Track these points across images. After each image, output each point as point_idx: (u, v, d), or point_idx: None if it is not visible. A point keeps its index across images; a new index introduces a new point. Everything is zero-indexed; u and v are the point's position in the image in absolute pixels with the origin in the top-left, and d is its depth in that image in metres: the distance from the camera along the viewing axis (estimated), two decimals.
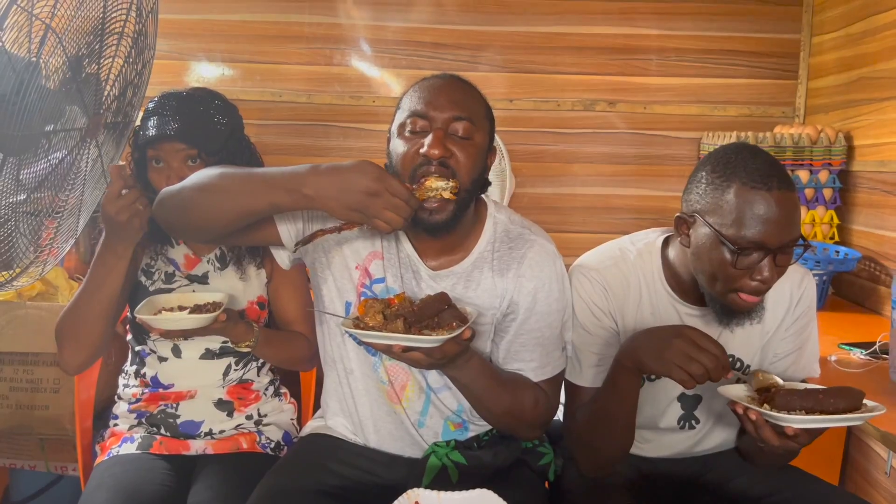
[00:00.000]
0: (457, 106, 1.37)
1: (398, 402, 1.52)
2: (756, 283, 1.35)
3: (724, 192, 1.34)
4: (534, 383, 1.49)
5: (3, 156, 1.56)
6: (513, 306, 1.47)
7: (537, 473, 1.60)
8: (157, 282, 1.77)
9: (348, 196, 1.23)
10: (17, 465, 2.31)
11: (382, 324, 1.27)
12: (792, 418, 1.22)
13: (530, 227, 1.53)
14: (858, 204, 2.56)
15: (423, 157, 1.33)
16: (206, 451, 1.73)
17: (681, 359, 1.29)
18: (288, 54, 2.94)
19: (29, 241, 1.79)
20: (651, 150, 2.99)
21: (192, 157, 1.69)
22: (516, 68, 2.96)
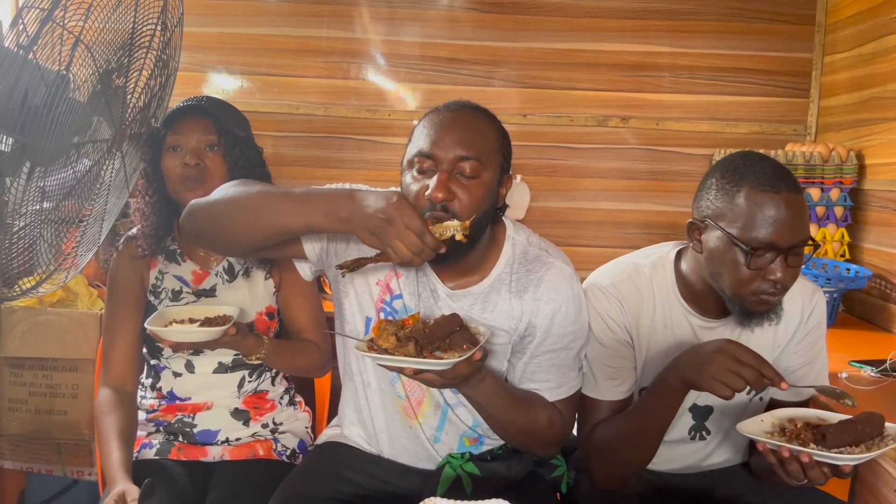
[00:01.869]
0: (463, 146, 1.36)
1: (414, 417, 1.54)
2: (771, 283, 1.39)
3: (734, 196, 1.39)
4: (549, 402, 1.50)
5: (30, 164, 1.60)
6: (530, 328, 1.48)
7: (550, 485, 1.62)
8: (165, 300, 1.80)
9: (369, 220, 1.24)
10: (34, 469, 2.33)
11: (395, 346, 1.28)
12: (848, 458, 1.21)
13: (548, 249, 1.53)
14: (869, 222, 2.58)
15: (427, 201, 1.34)
16: (223, 457, 1.76)
17: (723, 374, 1.31)
18: (305, 68, 2.97)
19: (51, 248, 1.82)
20: (663, 165, 3.01)
21: (211, 143, 1.74)
22: (530, 84, 2.99)
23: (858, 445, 1.25)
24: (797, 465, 1.26)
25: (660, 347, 1.55)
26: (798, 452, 1.25)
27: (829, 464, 1.25)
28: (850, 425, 1.27)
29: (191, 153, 1.72)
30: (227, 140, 1.75)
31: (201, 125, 1.74)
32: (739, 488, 1.62)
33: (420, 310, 1.48)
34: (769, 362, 1.32)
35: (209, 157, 1.74)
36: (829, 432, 1.26)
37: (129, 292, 1.80)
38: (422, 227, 1.24)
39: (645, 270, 1.58)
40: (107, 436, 1.65)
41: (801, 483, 1.29)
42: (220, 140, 1.75)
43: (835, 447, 1.23)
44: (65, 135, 1.55)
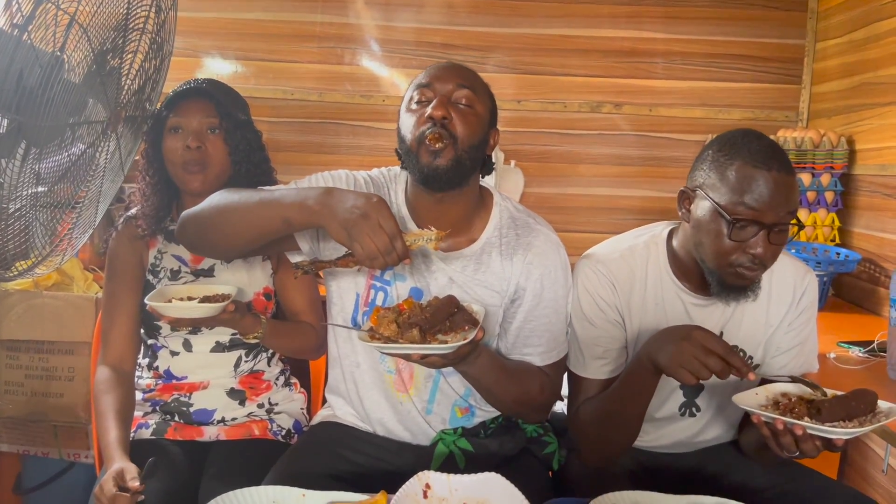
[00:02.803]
0: (459, 77, 1.47)
1: (405, 391, 1.56)
2: (749, 257, 1.40)
3: (726, 168, 1.41)
4: (539, 370, 1.55)
5: (26, 145, 1.61)
6: (519, 291, 1.53)
7: (542, 462, 1.64)
8: (164, 279, 1.81)
9: (343, 212, 1.26)
10: (31, 451, 2.35)
11: (398, 333, 1.30)
12: (841, 431, 1.23)
13: (534, 217, 1.60)
14: (860, 207, 2.60)
15: (427, 120, 1.41)
16: (219, 437, 1.78)
17: (689, 362, 1.33)
18: (300, 53, 2.98)
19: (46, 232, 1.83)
20: (656, 151, 3.03)
21: (213, 126, 1.75)
22: (524, 70, 3.00)
23: (852, 420, 1.27)
24: (790, 438, 1.28)
25: (651, 326, 1.56)
26: (792, 425, 1.27)
27: (821, 437, 1.26)
28: (844, 401, 1.29)
29: (193, 136, 1.73)
30: (228, 123, 1.76)
31: (203, 108, 1.75)
32: (729, 465, 1.64)
33: (412, 276, 1.52)
34: (736, 353, 1.34)
35: (210, 141, 1.75)
36: (823, 406, 1.28)
37: (128, 272, 1.81)
38: (395, 230, 1.26)
39: (638, 250, 1.60)
40: (105, 414, 1.66)
41: (792, 455, 1.31)
42: (221, 123, 1.76)
43: (829, 421, 1.25)
44: (60, 115, 1.56)
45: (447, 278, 1.53)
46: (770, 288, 1.58)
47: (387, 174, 1.62)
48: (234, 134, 1.77)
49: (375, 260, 1.25)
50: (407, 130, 1.46)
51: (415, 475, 1.27)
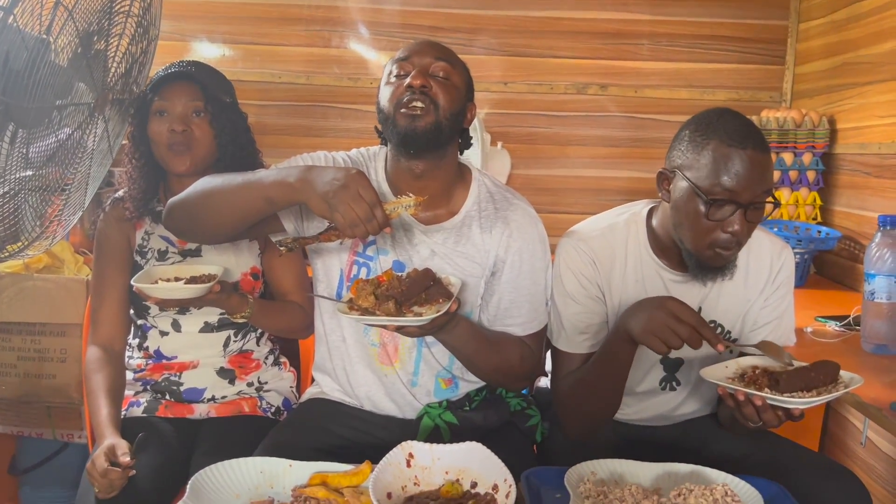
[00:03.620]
0: (436, 51, 1.53)
1: (390, 364, 1.60)
2: (727, 235, 1.43)
3: (703, 148, 1.44)
4: (519, 340, 1.59)
5: (14, 127, 1.62)
6: (499, 263, 1.58)
7: (525, 435, 1.68)
8: (152, 260, 1.83)
9: (323, 185, 1.29)
10: (25, 432, 2.37)
11: (375, 304, 1.33)
12: (798, 401, 1.27)
13: (512, 192, 1.66)
14: (841, 186, 2.64)
15: (406, 88, 1.47)
16: (209, 414, 1.81)
17: (661, 330, 1.36)
18: (287, 36, 2.99)
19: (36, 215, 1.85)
20: (642, 133, 3.06)
21: (198, 109, 1.77)
22: (511, 52, 3.02)
23: (811, 391, 1.30)
24: (752, 409, 1.32)
25: (631, 301, 1.58)
26: (752, 396, 1.31)
27: (781, 407, 1.31)
28: (803, 372, 1.33)
29: (177, 119, 1.75)
30: (213, 107, 1.78)
31: (189, 91, 1.77)
32: (707, 437, 1.68)
33: (395, 250, 1.56)
34: (707, 324, 1.38)
35: (196, 124, 1.77)
36: (782, 378, 1.32)
37: (116, 253, 1.84)
38: (374, 198, 1.29)
39: (618, 228, 1.63)
40: (96, 393, 1.69)
41: (756, 425, 1.35)
42: (206, 106, 1.77)
43: (787, 392, 1.29)
44: (47, 97, 1.57)
45: (429, 251, 1.57)
46: (748, 264, 1.61)
47: (365, 153, 1.66)
48: (219, 117, 1.79)
49: (356, 227, 1.28)
50: (385, 100, 1.51)
51: (398, 445, 1.31)
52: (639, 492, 1.26)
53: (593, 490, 1.27)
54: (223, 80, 1.87)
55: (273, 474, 1.29)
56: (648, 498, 1.24)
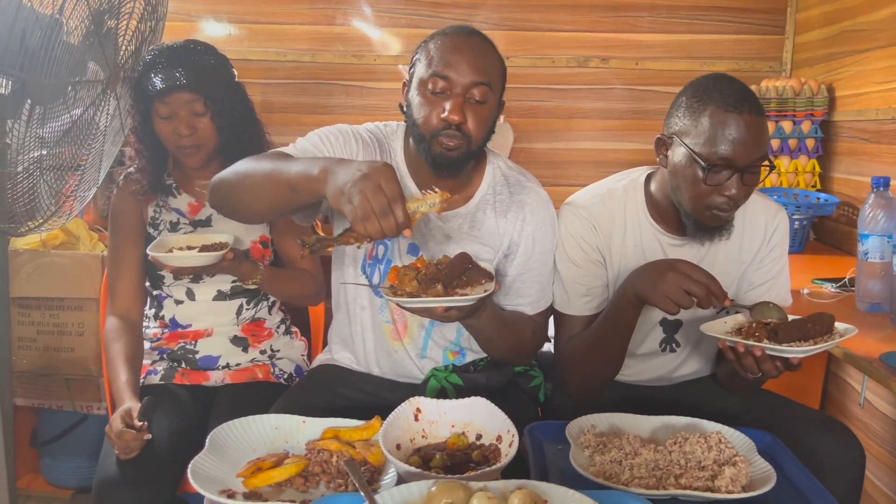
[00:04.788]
0: (477, 71, 1.46)
1: (399, 340, 1.66)
2: (724, 198, 1.47)
3: (699, 114, 1.47)
4: (530, 317, 1.64)
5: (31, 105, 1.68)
6: (512, 246, 1.62)
7: (528, 395, 1.74)
8: (164, 231, 1.90)
9: (343, 175, 1.19)
10: (45, 405, 2.43)
11: (419, 289, 1.35)
12: (796, 350, 1.32)
13: (525, 174, 1.68)
14: (839, 153, 2.67)
15: (441, 121, 1.45)
16: (224, 381, 1.87)
17: (673, 291, 1.41)
18: (291, 15, 3.02)
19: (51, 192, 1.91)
20: (643, 104, 3.09)
21: (199, 110, 1.80)
22: (512, 26, 3.04)
23: (807, 341, 1.35)
24: (751, 360, 1.37)
25: (630, 264, 1.64)
26: (752, 347, 1.36)
27: (779, 357, 1.36)
28: (799, 323, 1.38)
29: (183, 124, 1.80)
30: (213, 105, 1.81)
31: (188, 98, 1.79)
32: (706, 396, 1.72)
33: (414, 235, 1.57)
34: (718, 280, 1.41)
35: (201, 122, 1.81)
36: (780, 329, 1.37)
37: (130, 226, 1.90)
38: (397, 193, 1.17)
39: (617, 194, 1.67)
40: (114, 361, 1.76)
41: (756, 377, 1.40)
42: (207, 105, 1.81)
43: (785, 342, 1.34)
44: (62, 74, 1.63)
45: (444, 235, 1.60)
46: (743, 227, 1.65)
47: (384, 129, 1.66)
48: (221, 112, 1.83)
49: (369, 221, 1.15)
50: (420, 118, 1.49)
51: (406, 401, 1.37)
52: (637, 440, 1.32)
53: (593, 441, 1.34)
54: (217, 65, 1.87)
55: (288, 430, 1.36)
56: (646, 446, 1.30)
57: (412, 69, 1.54)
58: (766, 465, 1.25)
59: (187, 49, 1.83)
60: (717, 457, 1.25)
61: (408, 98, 1.54)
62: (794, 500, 1.23)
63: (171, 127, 1.80)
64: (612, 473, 1.23)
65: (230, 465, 1.24)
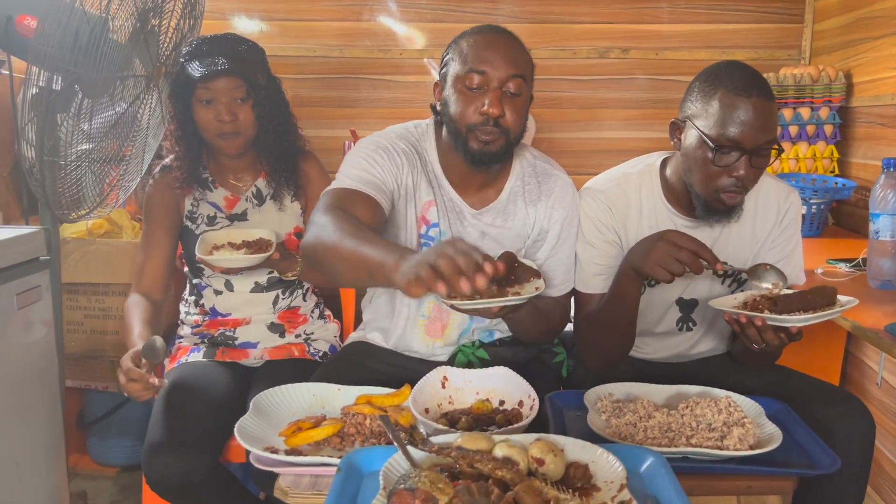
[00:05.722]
0: (512, 65, 1.51)
1: (433, 337, 1.75)
2: (733, 180, 1.53)
3: (710, 98, 1.53)
4: (557, 301, 1.72)
5: (79, 100, 1.79)
6: (542, 233, 1.70)
7: (551, 370, 1.83)
8: (202, 225, 1.98)
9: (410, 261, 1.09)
10: (91, 386, 2.55)
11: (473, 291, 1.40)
12: (793, 318, 1.39)
13: (550, 162, 1.76)
14: (857, 138, 2.70)
15: (483, 117, 1.50)
16: (262, 357, 1.98)
17: (662, 258, 1.48)
18: (320, 11, 3.11)
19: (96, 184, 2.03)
20: (663, 94, 3.13)
21: (241, 96, 1.87)
22: (534, 19, 3.11)
23: (808, 312, 1.41)
24: (754, 330, 1.44)
25: None
26: (753, 318, 1.43)
27: (783, 328, 1.42)
28: (800, 295, 1.45)
29: (225, 109, 1.86)
30: (256, 92, 1.89)
31: (232, 83, 1.85)
32: (721, 372, 1.78)
33: (450, 230, 1.65)
34: (706, 246, 1.48)
35: (242, 110, 1.88)
36: (780, 300, 1.44)
37: (163, 216, 1.98)
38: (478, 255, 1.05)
39: (633, 177, 1.74)
40: (132, 322, 1.80)
41: (762, 347, 1.47)
42: (249, 92, 1.88)
43: (784, 312, 1.41)
44: (110, 70, 1.74)
45: (479, 232, 1.68)
46: (756, 208, 1.71)
47: (414, 132, 1.69)
48: (261, 101, 1.90)
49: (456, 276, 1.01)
50: (458, 113, 1.53)
51: (434, 369, 1.47)
52: (651, 405, 1.40)
53: (609, 406, 1.42)
54: (257, 55, 1.95)
55: (324, 396, 1.46)
56: (659, 410, 1.38)
57: (444, 69, 1.59)
58: (774, 427, 1.33)
59: (228, 39, 1.91)
60: (727, 419, 1.33)
61: (443, 97, 1.57)
62: (800, 458, 1.30)
63: (212, 113, 1.85)
64: (627, 434, 1.31)
65: (272, 426, 1.35)
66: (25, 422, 1.66)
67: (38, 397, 1.70)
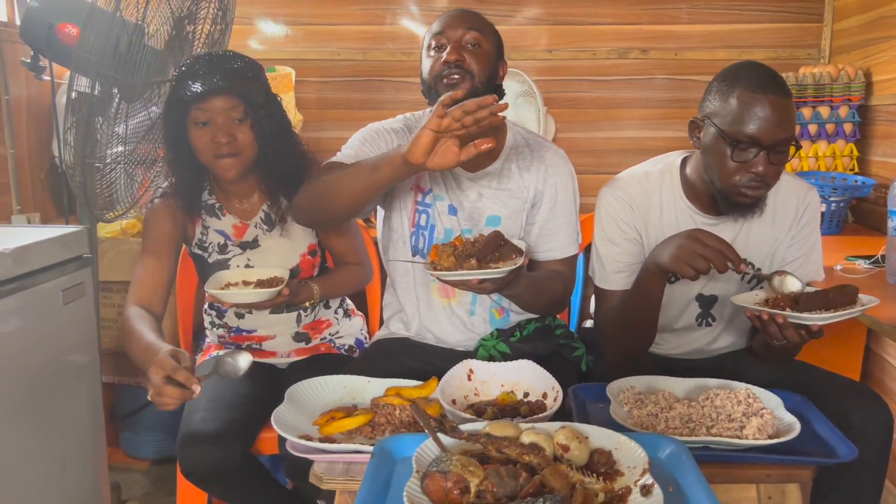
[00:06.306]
0: (466, 21, 1.72)
1: (447, 298, 1.82)
2: (751, 175, 1.56)
3: (728, 96, 1.57)
4: (559, 272, 1.80)
5: (116, 104, 1.87)
6: (538, 196, 1.80)
7: (571, 364, 1.87)
8: (213, 253, 1.94)
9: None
10: (124, 381, 2.62)
11: (456, 264, 1.50)
12: (814, 317, 1.42)
13: (541, 137, 1.90)
14: (877, 136, 2.72)
15: (443, 64, 1.67)
16: (289, 356, 2.02)
17: (688, 256, 1.51)
18: (344, 16, 3.18)
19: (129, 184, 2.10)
20: (682, 94, 3.16)
21: (238, 117, 1.78)
22: (554, 21, 3.15)
23: (829, 310, 1.44)
24: (776, 327, 1.48)
25: None
26: (775, 315, 1.46)
27: (803, 325, 1.45)
28: (822, 294, 1.47)
29: (221, 130, 1.76)
30: (253, 112, 1.80)
31: (229, 103, 1.77)
32: (741, 366, 1.80)
33: (448, 195, 1.77)
34: (731, 246, 1.51)
35: (240, 131, 1.79)
36: (801, 298, 1.47)
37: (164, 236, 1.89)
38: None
39: (653, 176, 1.78)
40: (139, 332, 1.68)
41: (781, 343, 1.50)
42: (246, 112, 1.79)
43: (805, 311, 1.44)
44: (146, 75, 1.81)
45: (476, 193, 1.79)
46: (775, 205, 1.74)
47: (411, 117, 1.88)
48: (260, 121, 1.81)
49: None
50: (426, 72, 1.73)
51: (460, 362, 1.52)
52: (672, 397, 1.44)
53: (632, 397, 1.46)
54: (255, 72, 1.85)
55: (354, 388, 1.52)
56: (680, 401, 1.42)
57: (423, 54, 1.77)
58: (792, 417, 1.36)
59: (225, 57, 1.81)
60: (746, 410, 1.36)
61: (420, 69, 1.76)
62: (818, 448, 1.33)
63: (208, 135, 1.77)
64: (648, 425, 1.36)
65: (306, 416, 1.40)
66: (70, 414, 1.73)
67: (81, 390, 1.77)
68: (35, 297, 1.56)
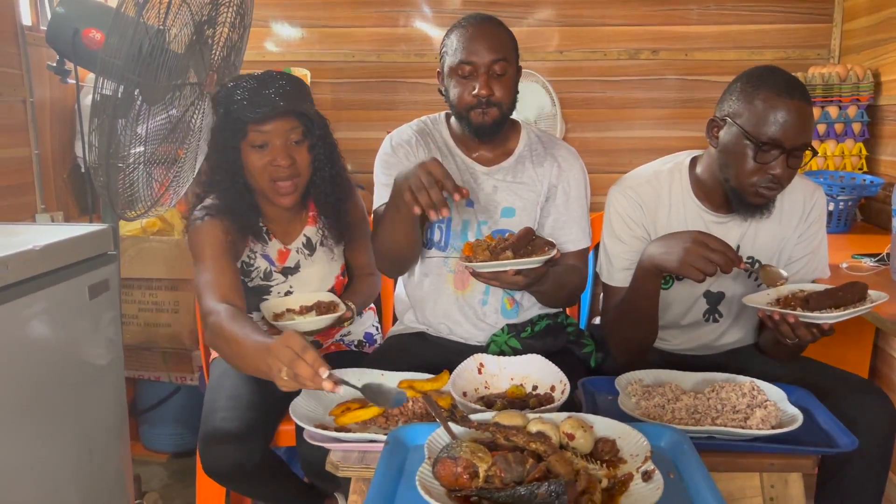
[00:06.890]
0: (494, 50, 1.73)
1: (463, 288, 1.87)
2: (769, 177, 1.60)
3: (753, 98, 1.60)
4: (574, 267, 1.85)
5: (138, 106, 1.92)
6: (552, 190, 1.86)
7: (580, 360, 1.91)
8: (256, 279, 1.93)
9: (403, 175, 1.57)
10: (144, 376, 2.69)
11: (491, 258, 1.57)
12: (825, 316, 1.45)
13: (554, 137, 1.99)
14: (886, 136, 2.74)
15: (475, 98, 1.73)
16: None
17: (697, 260, 1.53)
18: (358, 18, 3.23)
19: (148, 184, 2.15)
20: (692, 94, 3.20)
21: (297, 139, 1.78)
22: (566, 22, 3.20)
23: (839, 308, 1.47)
24: (787, 326, 1.51)
25: None
26: (786, 315, 1.50)
27: (815, 324, 1.48)
28: (832, 292, 1.50)
29: (281, 153, 1.76)
30: (311, 135, 1.82)
31: (289, 125, 1.76)
32: (748, 362, 1.83)
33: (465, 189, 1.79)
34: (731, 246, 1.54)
35: (298, 153, 1.79)
36: (812, 297, 1.50)
37: (223, 248, 1.78)
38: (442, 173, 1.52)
39: (663, 175, 1.81)
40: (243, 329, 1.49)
41: (794, 342, 1.53)
42: (305, 133, 1.80)
43: (816, 309, 1.47)
44: (170, 78, 1.87)
45: (492, 186, 1.85)
46: (782, 204, 1.77)
47: (427, 122, 1.93)
48: (316, 143, 1.83)
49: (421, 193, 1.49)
50: (456, 98, 1.77)
51: (471, 357, 1.56)
52: (678, 389, 1.48)
53: (639, 390, 1.50)
54: (307, 94, 1.84)
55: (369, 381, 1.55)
56: (686, 393, 1.46)
57: (442, 59, 1.81)
58: (795, 409, 1.39)
59: (275, 77, 1.76)
60: (750, 402, 1.40)
61: (445, 84, 1.81)
62: (821, 439, 1.37)
63: (266, 157, 1.75)
64: (655, 415, 1.40)
65: (322, 407, 1.45)
66: (96, 407, 1.79)
67: (107, 384, 1.83)
68: (63, 293, 1.62)
